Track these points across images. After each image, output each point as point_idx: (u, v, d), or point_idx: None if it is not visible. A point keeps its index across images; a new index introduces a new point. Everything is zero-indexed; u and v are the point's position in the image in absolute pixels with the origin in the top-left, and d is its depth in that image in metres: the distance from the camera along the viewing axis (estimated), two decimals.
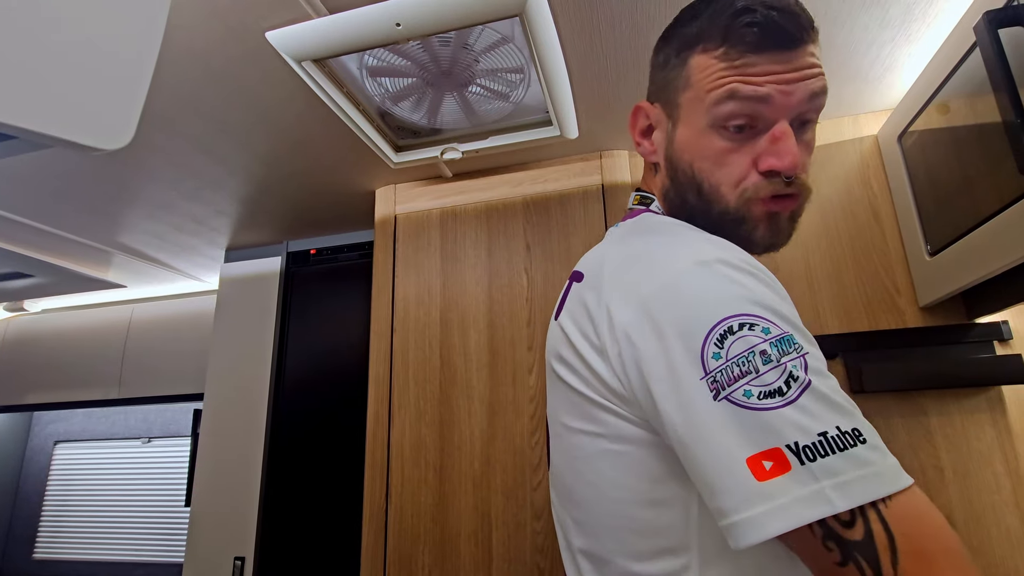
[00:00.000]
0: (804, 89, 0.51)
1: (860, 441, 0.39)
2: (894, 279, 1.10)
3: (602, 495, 0.52)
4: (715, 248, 0.49)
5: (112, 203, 1.45)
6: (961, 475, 0.99)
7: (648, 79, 0.64)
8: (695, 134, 0.55)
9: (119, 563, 2.57)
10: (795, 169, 0.51)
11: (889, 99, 1.13)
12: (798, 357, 0.41)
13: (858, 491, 0.37)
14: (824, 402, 0.40)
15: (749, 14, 0.50)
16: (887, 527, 0.37)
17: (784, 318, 0.44)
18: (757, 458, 0.39)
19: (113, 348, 2.27)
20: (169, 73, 0.96)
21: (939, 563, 0.36)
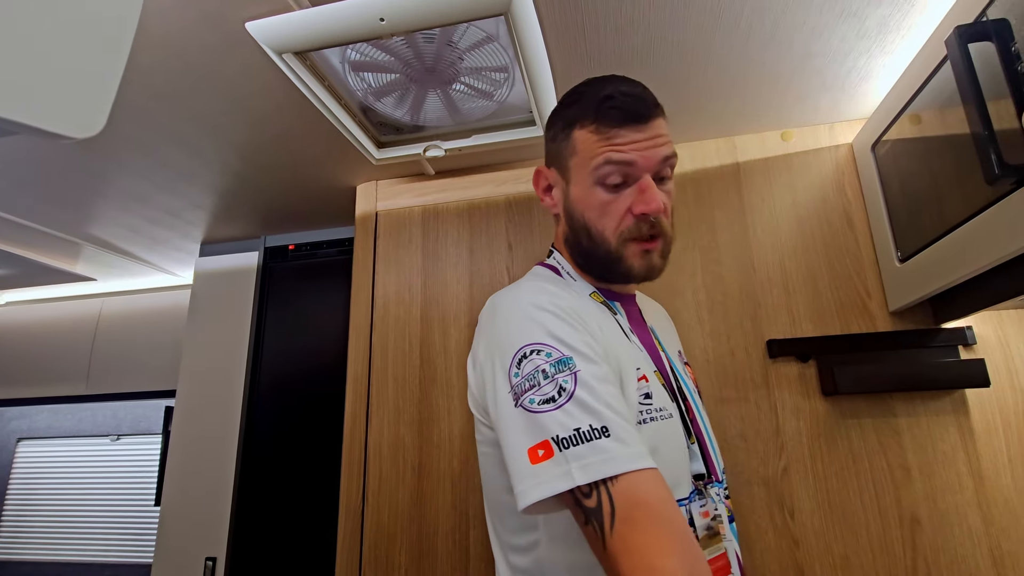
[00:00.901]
0: (658, 153, 0.67)
1: (604, 435, 0.52)
2: (866, 284, 1.13)
3: (488, 486, 0.70)
4: (530, 294, 0.64)
5: (82, 193, 1.41)
6: (926, 475, 1.02)
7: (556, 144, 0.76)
8: (583, 191, 0.70)
9: (85, 564, 2.50)
10: (659, 211, 0.66)
11: (864, 108, 1.16)
12: (570, 374, 0.56)
13: (593, 471, 0.51)
14: (583, 407, 0.54)
15: (611, 100, 0.67)
16: (611, 499, 0.50)
17: (568, 345, 0.58)
18: (534, 448, 0.54)
19: (81, 343, 2.20)
20: (144, 60, 0.94)
21: (641, 525, 0.49)
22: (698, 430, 0.70)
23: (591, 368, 0.57)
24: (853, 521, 1.02)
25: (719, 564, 0.62)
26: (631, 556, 0.48)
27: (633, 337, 0.72)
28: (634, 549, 0.48)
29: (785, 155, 1.23)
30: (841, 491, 1.04)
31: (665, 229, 0.69)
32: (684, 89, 1.09)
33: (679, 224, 1.24)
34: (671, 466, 0.62)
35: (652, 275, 0.70)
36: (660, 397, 0.66)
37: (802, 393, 1.10)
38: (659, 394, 0.66)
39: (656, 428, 0.62)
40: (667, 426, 0.64)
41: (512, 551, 0.66)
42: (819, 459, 1.06)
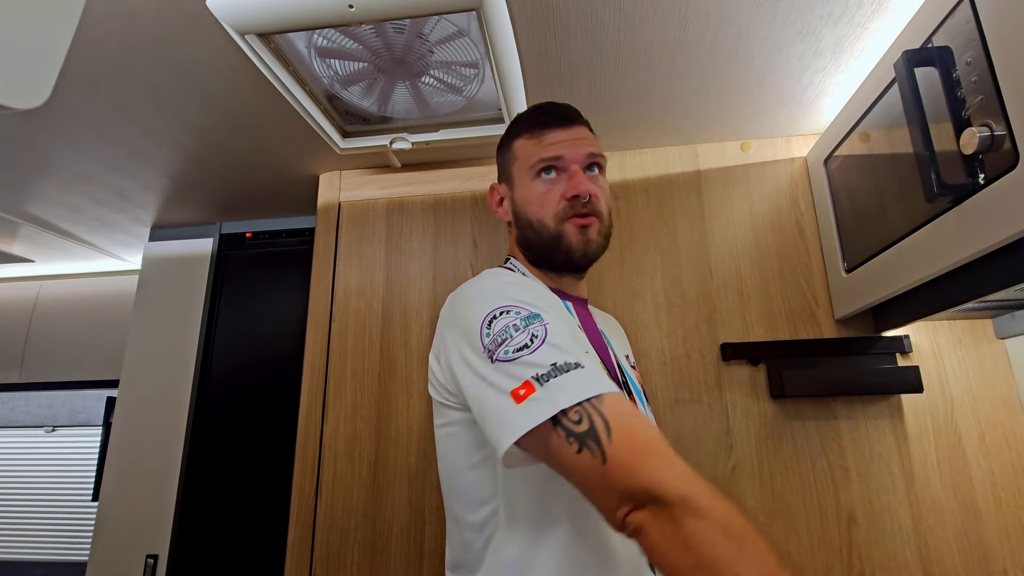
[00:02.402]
0: (583, 149, 0.79)
1: (578, 367, 0.57)
2: (814, 292, 1.18)
3: (445, 467, 0.75)
4: (491, 276, 0.73)
5: (22, 170, 1.33)
6: (863, 475, 1.07)
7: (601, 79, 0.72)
8: (525, 189, 0.81)
9: (13, 562, 2.35)
10: (587, 192, 0.76)
11: (819, 124, 1.21)
12: (540, 325, 0.62)
13: (576, 393, 0.54)
14: (556, 348, 0.59)
15: (539, 109, 0.83)
16: (603, 415, 0.53)
17: (535, 305, 0.64)
18: (516, 390, 0.57)
19: (15, 328, 2.07)
20: (95, 32, 0.89)
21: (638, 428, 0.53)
22: None
23: (559, 323, 0.63)
24: (795, 518, 1.07)
25: None
26: (645, 455, 0.51)
27: (582, 334, 0.77)
28: (643, 449, 0.51)
29: (744, 165, 1.27)
30: (785, 490, 1.09)
31: (599, 210, 0.78)
32: (650, 95, 1.11)
33: (642, 228, 1.27)
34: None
35: (589, 249, 0.78)
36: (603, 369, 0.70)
37: (752, 395, 1.14)
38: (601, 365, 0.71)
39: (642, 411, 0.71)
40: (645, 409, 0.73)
41: (468, 528, 0.70)
42: (766, 459, 1.11)
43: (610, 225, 0.81)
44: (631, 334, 1.20)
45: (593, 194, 0.77)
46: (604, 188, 0.81)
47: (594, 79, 1.06)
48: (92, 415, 2.46)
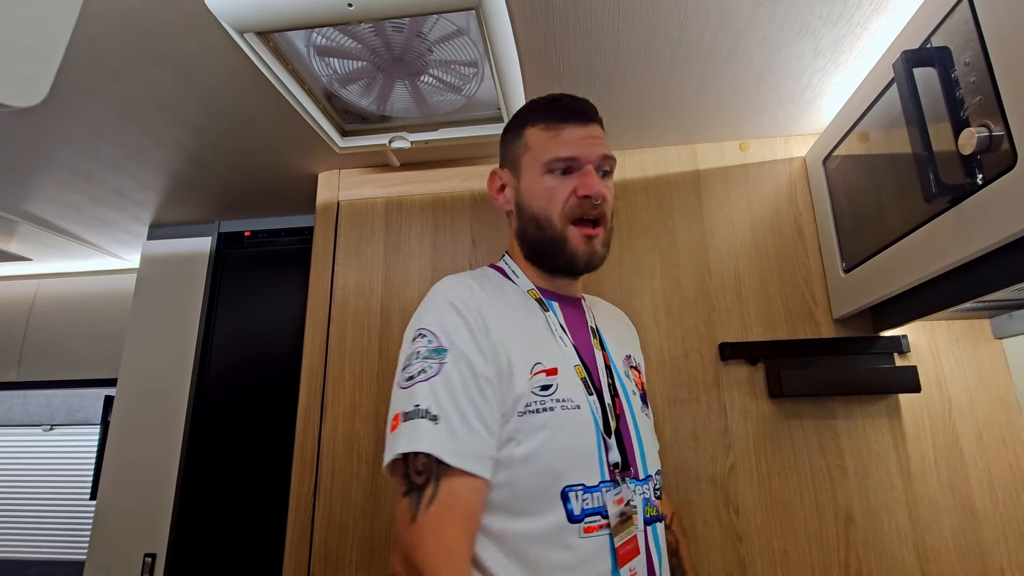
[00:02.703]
0: (598, 150, 0.76)
1: (434, 420, 0.61)
2: (813, 292, 1.18)
3: None
4: (451, 287, 0.73)
5: (20, 168, 1.32)
6: (861, 474, 1.07)
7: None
8: (532, 181, 0.78)
9: (11, 560, 2.35)
10: (600, 194, 0.74)
11: (818, 124, 1.21)
12: (437, 363, 0.64)
13: (412, 443, 0.59)
14: (432, 392, 0.62)
15: (557, 101, 0.79)
16: (438, 487, 0.58)
17: (450, 339, 0.66)
18: (395, 419, 0.63)
19: (13, 326, 2.07)
20: (94, 30, 0.88)
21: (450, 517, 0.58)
22: (624, 427, 0.74)
23: (461, 367, 0.65)
24: (792, 517, 1.07)
25: (629, 547, 0.67)
26: (435, 536, 0.57)
27: (561, 333, 0.76)
28: (440, 532, 0.58)
29: (743, 165, 1.27)
30: (783, 489, 1.09)
31: (606, 216, 0.77)
32: (649, 95, 1.11)
33: (641, 228, 1.27)
34: (569, 450, 0.67)
35: (594, 261, 0.77)
36: (569, 390, 0.70)
37: (750, 395, 1.14)
38: (568, 387, 0.70)
39: (551, 416, 0.67)
40: (569, 416, 0.68)
41: None
42: (764, 458, 1.11)
43: (611, 231, 0.80)
44: None
45: (604, 197, 0.75)
46: (612, 192, 0.79)
47: (593, 78, 1.06)
48: (90, 414, 2.46)
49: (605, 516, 0.65)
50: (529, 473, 0.64)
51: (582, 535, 0.64)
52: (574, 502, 0.64)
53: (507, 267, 0.83)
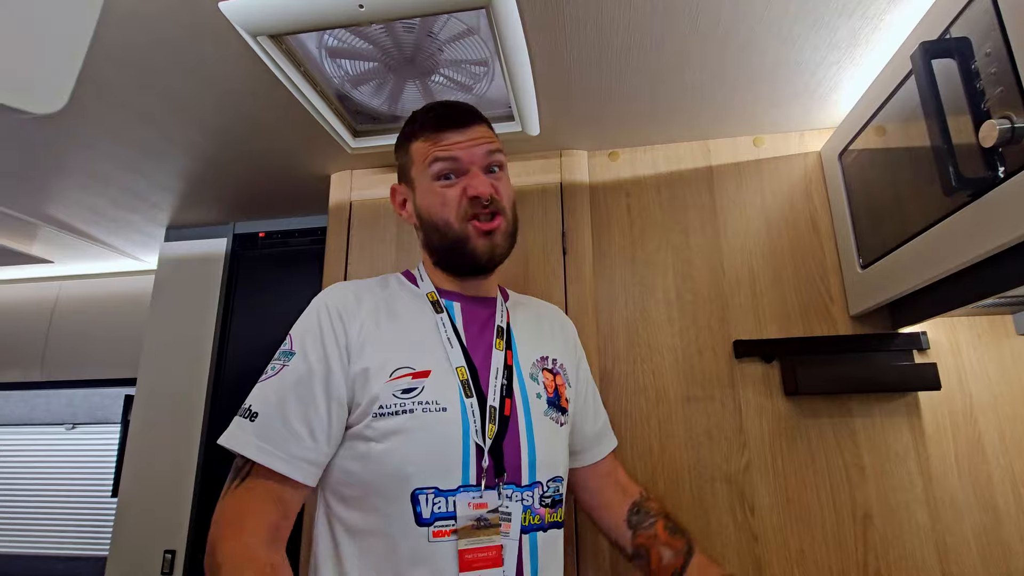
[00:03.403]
0: (480, 150, 0.79)
1: (252, 419, 0.70)
2: (829, 289, 1.16)
3: None
4: (331, 291, 0.81)
5: (41, 172, 1.35)
6: (879, 473, 1.06)
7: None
8: (425, 191, 0.80)
9: (36, 556, 2.41)
10: (486, 193, 0.76)
11: (833, 117, 1.20)
12: (282, 364, 0.73)
13: (228, 439, 0.71)
14: (262, 392, 0.72)
15: (432, 111, 0.82)
16: (246, 475, 0.70)
17: (301, 344, 0.74)
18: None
19: (36, 327, 2.11)
20: (110, 35, 0.90)
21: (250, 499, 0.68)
22: (512, 431, 0.73)
23: (300, 370, 0.71)
24: (809, 517, 1.06)
25: (488, 555, 0.67)
26: (229, 514, 0.67)
27: (450, 335, 0.78)
28: (237, 514, 0.66)
29: (756, 160, 1.26)
30: (799, 488, 1.08)
31: (502, 209, 0.79)
32: (661, 91, 1.11)
33: (653, 225, 1.26)
34: (424, 452, 0.68)
35: (496, 254, 0.79)
36: (438, 392, 0.71)
37: (765, 393, 1.13)
38: (438, 389, 0.71)
39: (409, 418, 0.69)
40: (431, 417, 0.69)
41: None
42: (779, 457, 1.10)
43: (514, 221, 0.82)
44: (643, 331, 1.20)
45: (494, 194, 0.77)
46: (507, 186, 0.82)
47: (604, 76, 1.06)
48: (111, 412, 2.51)
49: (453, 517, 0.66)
50: (381, 472, 0.67)
51: (431, 539, 0.65)
52: (423, 505, 0.66)
53: (416, 272, 0.88)
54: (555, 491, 0.76)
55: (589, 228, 1.27)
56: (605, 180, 1.32)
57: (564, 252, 1.25)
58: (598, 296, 1.24)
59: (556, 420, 0.80)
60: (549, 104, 1.14)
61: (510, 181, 0.83)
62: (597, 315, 1.22)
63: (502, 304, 0.87)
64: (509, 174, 0.85)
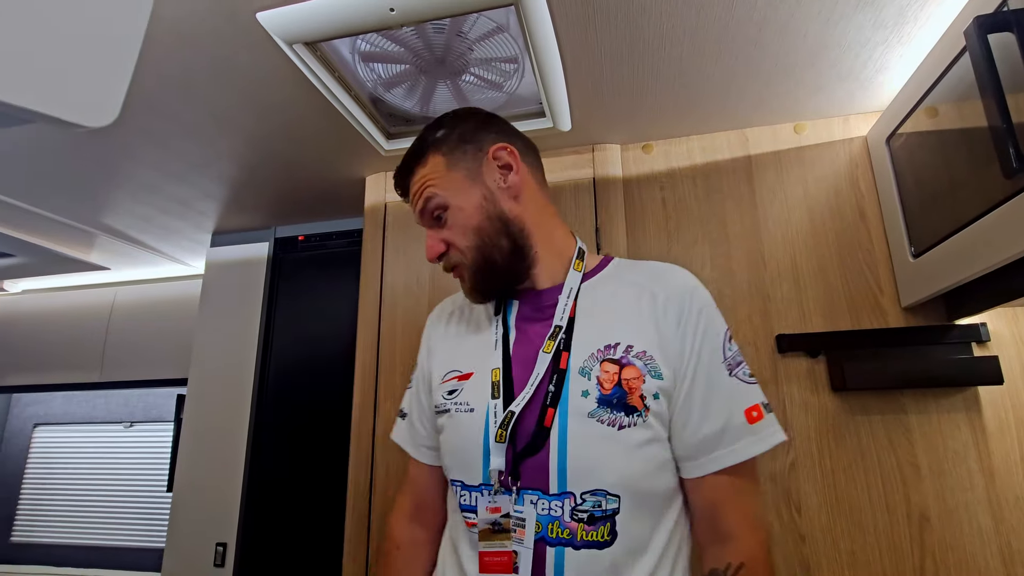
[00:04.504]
0: (419, 206, 0.76)
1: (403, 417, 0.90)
2: (878, 279, 1.11)
3: None
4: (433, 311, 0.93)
5: (96, 183, 1.43)
6: (936, 473, 1.01)
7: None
8: None
9: (100, 547, 2.55)
10: (432, 258, 0.76)
11: (879, 100, 1.14)
12: (413, 375, 0.90)
13: (393, 434, 0.91)
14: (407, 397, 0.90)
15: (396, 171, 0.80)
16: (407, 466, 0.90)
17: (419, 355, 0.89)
18: None
19: (95, 331, 2.23)
20: (155, 51, 0.94)
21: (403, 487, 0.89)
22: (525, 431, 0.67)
23: (416, 379, 0.88)
24: (861, 518, 1.02)
25: (501, 560, 0.65)
26: (397, 499, 0.88)
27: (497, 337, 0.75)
28: (398, 497, 0.88)
29: (798, 148, 1.22)
30: (849, 487, 1.03)
31: (457, 261, 0.75)
32: (696, 82, 1.08)
33: (689, 217, 1.24)
34: (457, 451, 0.72)
35: (470, 298, 0.78)
36: (472, 393, 0.72)
37: (811, 388, 1.09)
38: (474, 390, 0.72)
39: (450, 418, 0.73)
40: (461, 418, 0.71)
41: None
42: (827, 455, 1.06)
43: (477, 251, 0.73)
44: None
45: (444, 250, 0.74)
46: (458, 226, 0.73)
47: (637, 68, 1.04)
48: (165, 411, 2.63)
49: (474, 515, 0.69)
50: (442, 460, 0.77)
51: (467, 526, 0.70)
52: (458, 495, 0.71)
53: None
54: (595, 505, 0.64)
55: (623, 223, 1.26)
56: (639, 173, 1.30)
57: (598, 248, 1.24)
58: None
59: (611, 422, 0.65)
60: (580, 98, 1.13)
61: (462, 208, 0.73)
62: None
63: (571, 292, 0.74)
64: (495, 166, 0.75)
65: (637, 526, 0.64)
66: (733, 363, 0.69)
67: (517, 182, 0.75)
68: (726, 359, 0.69)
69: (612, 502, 0.64)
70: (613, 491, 0.64)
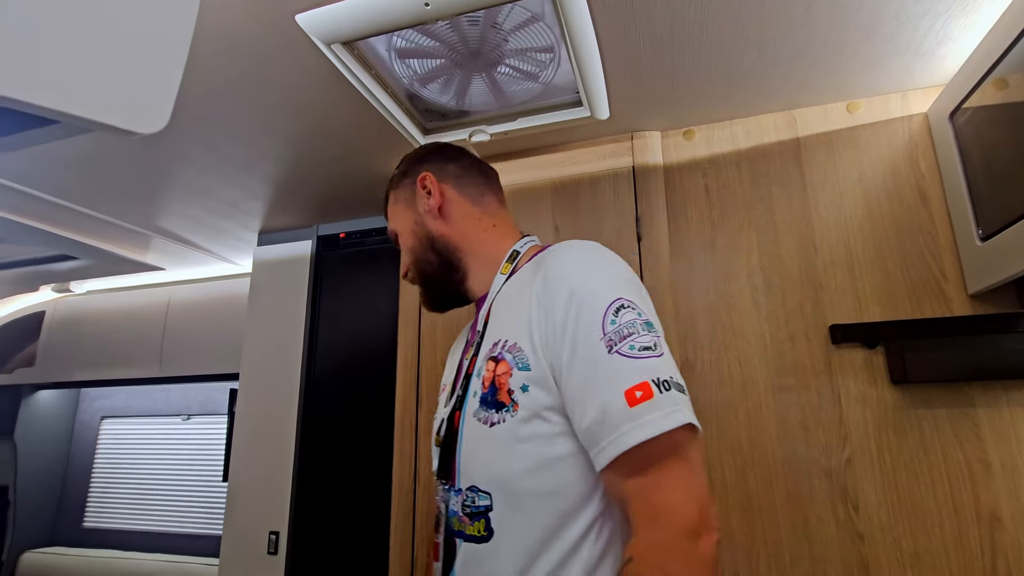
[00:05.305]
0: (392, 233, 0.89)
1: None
2: (941, 265, 1.05)
3: None
4: None
5: (150, 188, 1.49)
6: (1009, 469, 0.95)
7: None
8: None
9: (163, 533, 2.69)
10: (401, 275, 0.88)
11: (941, 74, 1.07)
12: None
13: None
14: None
15: None
16: None
17: None
18: None
19: (154, 328, 2.35)
20: (200, 59, 0.97)
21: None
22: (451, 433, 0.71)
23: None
24: (925, 516, 0.97)
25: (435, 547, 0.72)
26: None
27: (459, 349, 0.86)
28: None
29: (851, 128, 1.15)
30: (911, 485, 0.98)
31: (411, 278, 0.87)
32: (740, 64, 1.04)
33: (734, 204, 1.20)
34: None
35: (426, 308, 0.89)
36: (442, 402, 0.82)
37: (868, 381, 1.04)
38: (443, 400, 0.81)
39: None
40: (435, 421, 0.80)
41: None
42: (887, 451, 1.01)
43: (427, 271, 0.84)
44: (727, 318, 1.14)
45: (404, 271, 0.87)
46: (405, 248, 0.86)
47: (678, 53, 1.00)
48: (219, 405, 2.74)
49: None
50: None
51: None
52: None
53: None
54: (471, 502, 0.65)
55: (664, 212, 1.22)
56: (680, 160, 1.26)
57: (639, 238, 1.21)
58: (676, 283, 1.19)
59: (484, 420, 0.66)
60: (618, 85, 1.10)
61: (403, 233, 0.86)
62: (676, 302, 1.18)
63: (492, 297, 0.76)
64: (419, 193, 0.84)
65: (513, 524, 0.62)
66: (616, 337, 0.59)
67: (434, 205, 0.81)
68: (606, 335, 0.59)
69: (484, 499, 0.64)
70: (484, 488, 0.65)
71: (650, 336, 0.60)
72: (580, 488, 0.62)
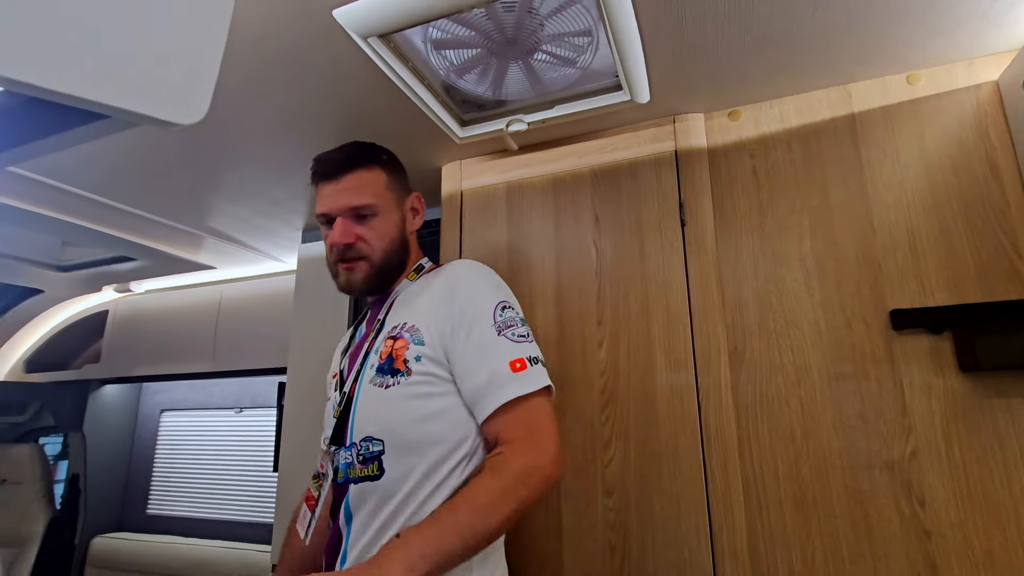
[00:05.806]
0: (344, 201, 0.95)
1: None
2: (1016, 243, 0.97)
3: None
4: None
5: (197, 189, 1.55)
6: None
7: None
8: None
9: (220, 521, 2.82)
10: (339, 243, 0.94)
11: (1013, 40, 0.99)
12: None
13: None
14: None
15: (314, 163, 1.00)
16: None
17: None
18: None
19: (207, 325, 2.45)
20: (240, 60, 0.99)
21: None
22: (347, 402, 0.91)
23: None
24: (1000, 513, 0.90)
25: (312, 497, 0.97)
26: None
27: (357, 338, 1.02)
28: None
29: (912, 100, 1.08)
30: (984, 479, 0.92)
31: (365, 254, 0.95)
32: (790, 39, 0.99)
33: (784, 186, 1.14)
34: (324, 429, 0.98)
35: (351, 289, 0.97)
36: (332, 386, 0.99)
37: (934, 369, 0.98)
38: (333, 384, 0.98)
39: (327, 402, 1.02)
40: (328, 405, 1.00)
41: None
42: (956, 443, 0.95)
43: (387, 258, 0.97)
44: (778, 304, 1.09)
45: (354, 242, 0.94)
46: (377, 229, 0.96)
47: (722, 30, 0.96)
48: (270, 398, 2.84)
49: None
50: None
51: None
52: None
53: None
54: (366, 449, 0.85)
55: (709, 196, 1.18)
56: (725, 142, 1.21)
57: (683, 224, 1.18)
58: (722, 269, 1.15)
59: (381, 384, 0.86)
60: (659, 67, 1.06)
61: (388, 220, 0.97)
62: (723, 289, 1.14)
63: (396, 295, 1.00)
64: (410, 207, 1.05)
65: (401, 462, 0.82)
66: (503, 326, 0.85)
67: (419, 225, 1.06)
68: (496, 323, 0.85)
69: (377, 445, 0.84)
70: (377, 436, 0.85)
71: (525, 328, 0.88)
72: (456, 435, 0.84)
